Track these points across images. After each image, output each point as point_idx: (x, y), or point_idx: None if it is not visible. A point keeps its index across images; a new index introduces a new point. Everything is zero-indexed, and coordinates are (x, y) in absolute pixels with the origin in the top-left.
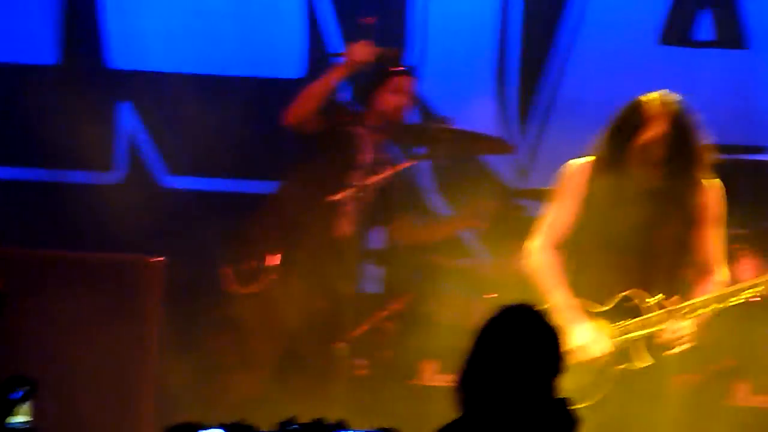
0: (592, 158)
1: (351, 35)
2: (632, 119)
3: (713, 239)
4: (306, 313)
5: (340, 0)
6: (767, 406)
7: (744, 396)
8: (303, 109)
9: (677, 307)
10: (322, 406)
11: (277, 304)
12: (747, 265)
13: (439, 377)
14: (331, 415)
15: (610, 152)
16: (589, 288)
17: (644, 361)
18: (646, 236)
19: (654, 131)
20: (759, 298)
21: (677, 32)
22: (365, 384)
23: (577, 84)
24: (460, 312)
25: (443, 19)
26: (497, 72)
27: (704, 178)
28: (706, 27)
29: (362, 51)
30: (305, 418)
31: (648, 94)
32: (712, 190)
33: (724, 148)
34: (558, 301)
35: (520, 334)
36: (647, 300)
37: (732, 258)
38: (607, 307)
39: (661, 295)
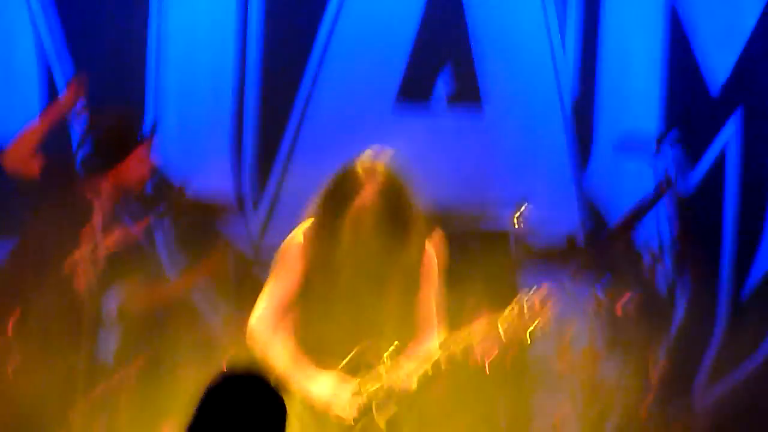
0: (308, 223)
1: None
2: (343, 186)
3: (426, 302)
4: (40, 379)
5: (77, 52)
6: None
7: None
8: (17, 152)
9: (403, 372)
10: None
11: (9, 374)
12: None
13: None
14: None
15: (326, 218)
16: (321, 347)
17: (386, 414)
18: (371, 296)
19: (363, 199)
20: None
21: (416, 89)
22: None
23: (316, 139)
24: (196, 376)
25: (179, 77)
26: (235, 130)
27: (422, 237)
28: (444, 84)
29: (71, 92)
30: None
31: (360, 156)
32: (429, 250)
33: (461, 216)
34: (288, 365)
35: (239, 400)
36: (381, 354)
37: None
38: (342, 364)
39: (395, 343)
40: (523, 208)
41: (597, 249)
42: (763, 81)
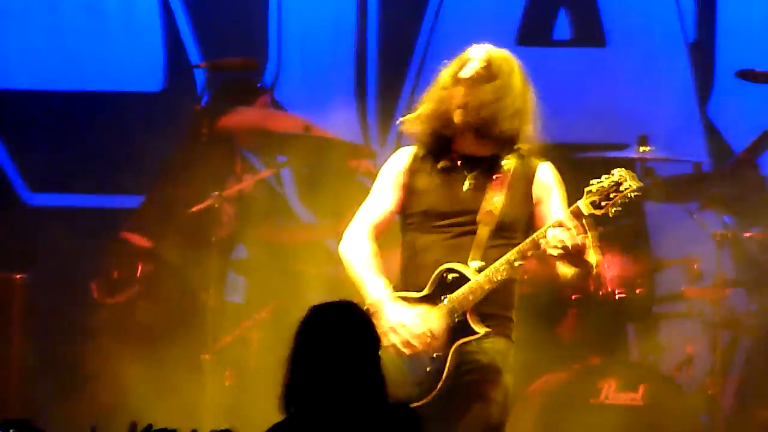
0: (414, 147)
1: (209, 47)
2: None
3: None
4: (172, 322)
5: (198, 13)
6: (632, 404)
7: (610, 394)
8: None
9: (497, 265)
10: (188, 415)
11: (144, 313)
12: (608, 261)
13: None
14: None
15: (431, 126)
16: (418, 273)
17: (481, 329)
18: (464, 209)
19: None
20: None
21: (535, 32)
22: (232, 392)
23: None
24: None
25: (301, 26)
26: (356, 78)
27: (532, 155)
28: (563, 26)
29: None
30: (171, 425)
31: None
32: (544, 169)
33: (587, 146)
34: (370, 284)
35: (333, 332)
36: (463, 271)
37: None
38: (428, 290)
39: (481, 263)
40: (646, 139)
41: (723, 178)
42: None
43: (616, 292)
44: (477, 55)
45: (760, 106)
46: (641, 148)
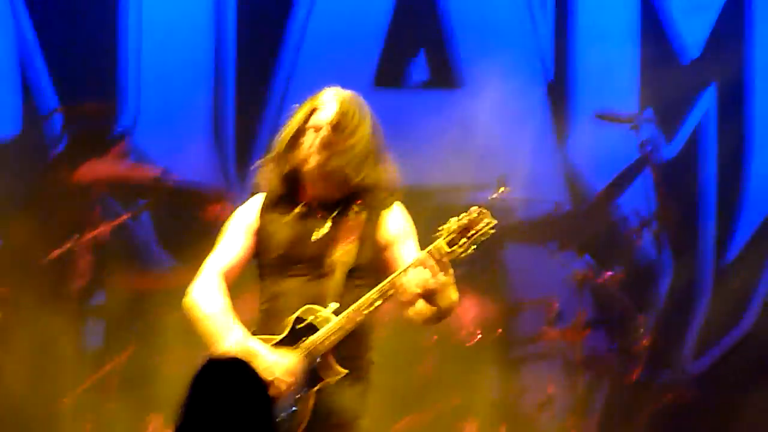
0: (267, 193)
1: (65, 93)
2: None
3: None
4: (29, 369)
5: (55, 58)
6: None
7: None
8: None
9: (356, 306)
10: None
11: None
12: (467, 303)
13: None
14: None
15: (283, 171)
16: (276, 318)
17: (339, 371)
18: (318, 254)
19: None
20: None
21: (392, 74)
22: None
23: None
24: (183, 364)
25: (158, 70)
26: (214, 122)
27: (384, 198)
28: (421, 68)
29: None
30: None
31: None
32: (396, 212)
33: (446, 188)
34: (226, 331)
35: (226, 386)
36: (320, 313)
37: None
38: (286, 334)
39: (336, 304)
40: (504, 179)
41: (582, 218)
42: (735, 51)
43: (476, 333)
44: (327, 100)
45: (617, 146)
46: (500, 189)
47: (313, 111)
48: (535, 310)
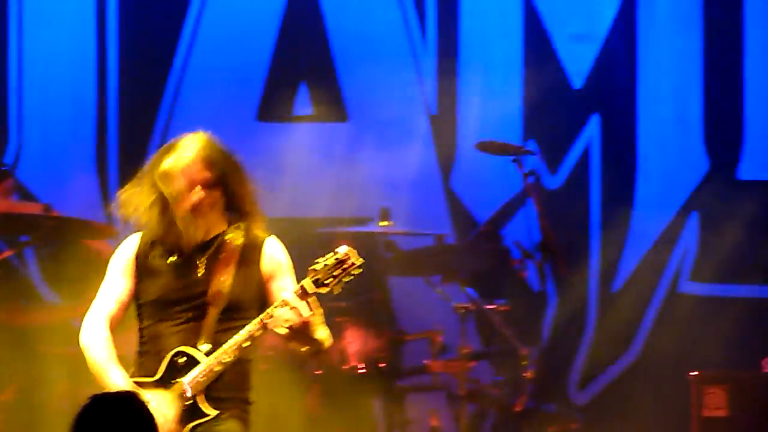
0: (142, 233)
1: None
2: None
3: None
4: None
5: None
6: None
7: None
8: None
9: (225, 347)
10: None
11: None
12: (351, 336)
13: None
14: None
15: (152, 214)
16: (152, 359)
17: (211, 412)
18: (193, 295)
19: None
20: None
21: (275, 108)
22: None
23: None
24: (68, 399)
25: (41, 103)
26: (97, 155)
27: (258, 231)
28: (303, 102)
29: None
30: None
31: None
32: (272, 244)
33: (329, 221)
34: (109, 373)
35: (111, 423)
36: (193, 354)
37: (337, 330)
38: (159, 374)
39: (208, 346)
40: (387, 212)
41: (466, 250)
42: (620, 80)
43: (359, 366)
44: (187, 145)
45: (500, 177)
46: (383, 222)
47: (174, 156)
48: (420, 343)
